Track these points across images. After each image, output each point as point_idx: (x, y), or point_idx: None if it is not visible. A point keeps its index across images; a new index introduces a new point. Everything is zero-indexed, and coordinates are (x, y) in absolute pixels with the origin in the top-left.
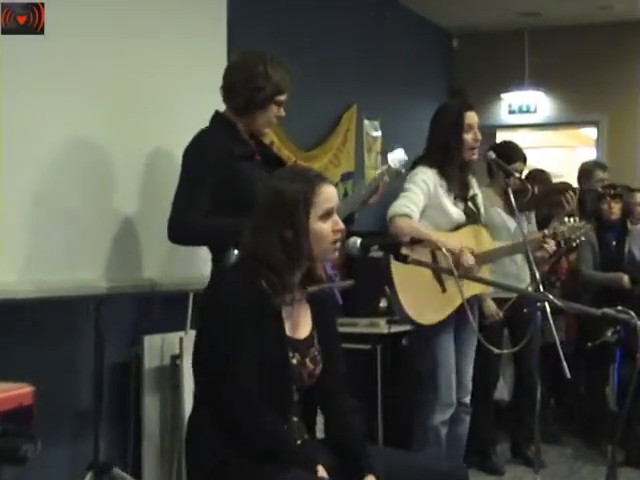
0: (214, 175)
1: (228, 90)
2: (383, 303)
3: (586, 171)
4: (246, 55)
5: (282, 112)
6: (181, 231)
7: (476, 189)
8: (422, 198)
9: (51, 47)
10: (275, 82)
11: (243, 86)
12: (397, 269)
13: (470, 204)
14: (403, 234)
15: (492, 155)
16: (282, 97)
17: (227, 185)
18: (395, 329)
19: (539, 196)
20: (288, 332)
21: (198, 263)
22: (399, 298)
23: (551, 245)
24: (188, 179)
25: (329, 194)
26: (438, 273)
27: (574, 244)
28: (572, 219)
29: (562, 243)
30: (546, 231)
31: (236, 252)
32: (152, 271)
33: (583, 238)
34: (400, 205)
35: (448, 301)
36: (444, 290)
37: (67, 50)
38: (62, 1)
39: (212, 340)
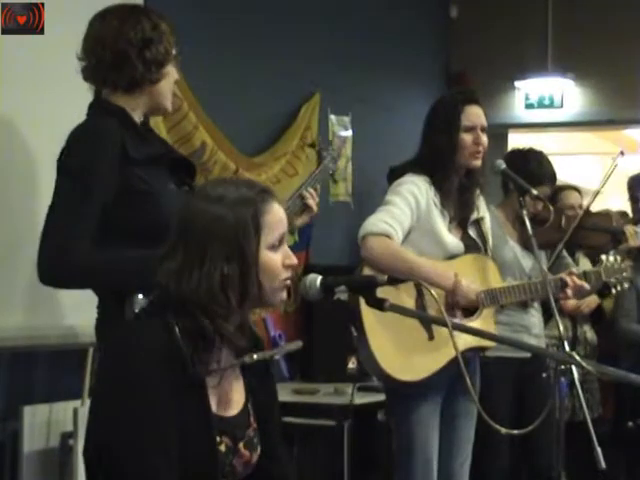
0: (104, 187)
1: (117, 62)
2: (352, 363)
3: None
4: (117, 14)
5: (177, 74)
6: (64, 269)
7: (483, 211)
8: (408, 215)
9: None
10: (166, 32)
11: (138, 49)
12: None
13: (472, 231)
14: (378, 260)
15: (502, 165)
16: (175, 51)
17: (117, 203)
18: (368, 399)
19: (574, 232)
20: (214, 408)
21: None
22: (370, 344)
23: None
24: (69, 192)
25: (279, 215)
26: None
27: (613, 290)
28: (613, 257)
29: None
30: (574, 269)
31: (141, 298)
32: (35, 318)
33: (626, 285)
34: (377, 220)
35: (436, 353)
36: (431, 337)
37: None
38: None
39: (115, 430)
